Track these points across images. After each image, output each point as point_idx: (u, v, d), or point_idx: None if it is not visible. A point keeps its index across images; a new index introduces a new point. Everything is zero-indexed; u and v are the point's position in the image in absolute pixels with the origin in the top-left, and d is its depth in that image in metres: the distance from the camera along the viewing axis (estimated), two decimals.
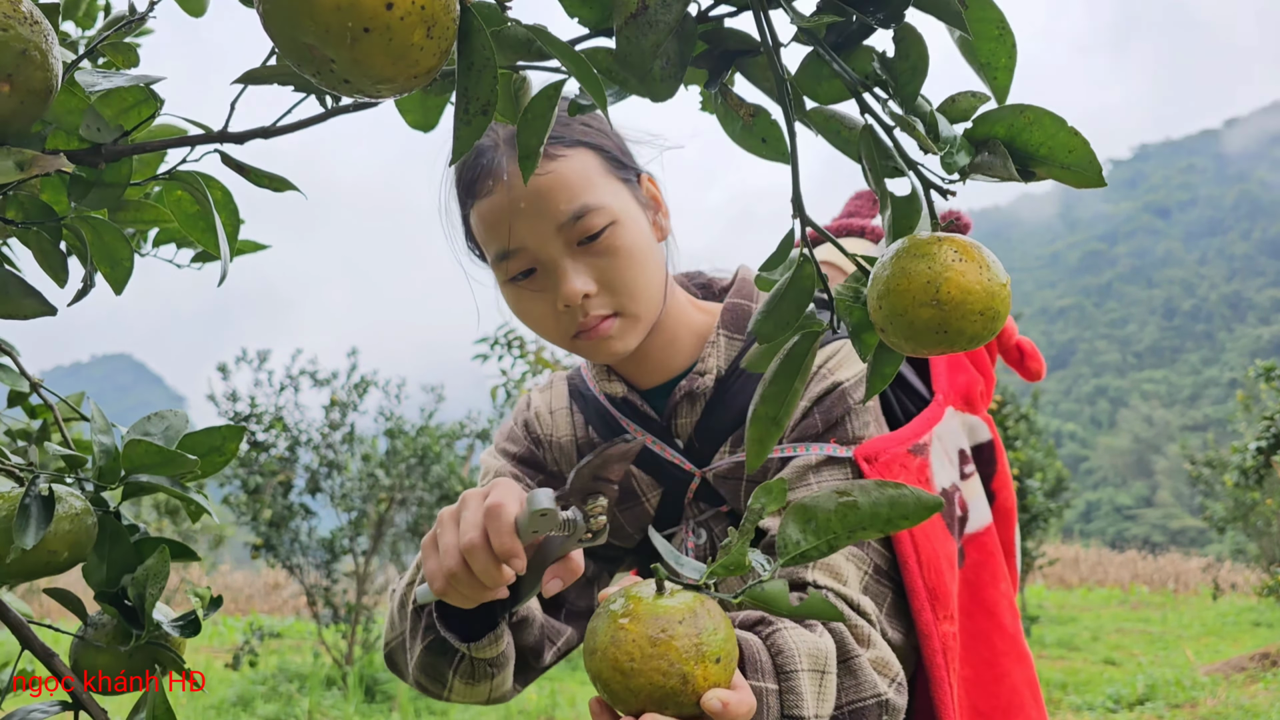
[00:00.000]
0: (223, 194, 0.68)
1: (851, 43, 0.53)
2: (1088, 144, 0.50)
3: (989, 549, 1.05)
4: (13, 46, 0.52)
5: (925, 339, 0.51)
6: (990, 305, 0.51)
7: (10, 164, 0.52)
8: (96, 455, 0.67)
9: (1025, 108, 0.51)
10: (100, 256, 0.68)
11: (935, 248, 0.51)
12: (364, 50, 0.40)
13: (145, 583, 0.66)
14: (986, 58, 0.53)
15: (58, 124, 0.62)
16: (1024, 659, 1.05)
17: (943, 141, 0.51)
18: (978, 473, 1.08)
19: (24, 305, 0.62)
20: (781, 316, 0.58)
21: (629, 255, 0.98)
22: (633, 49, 0.51)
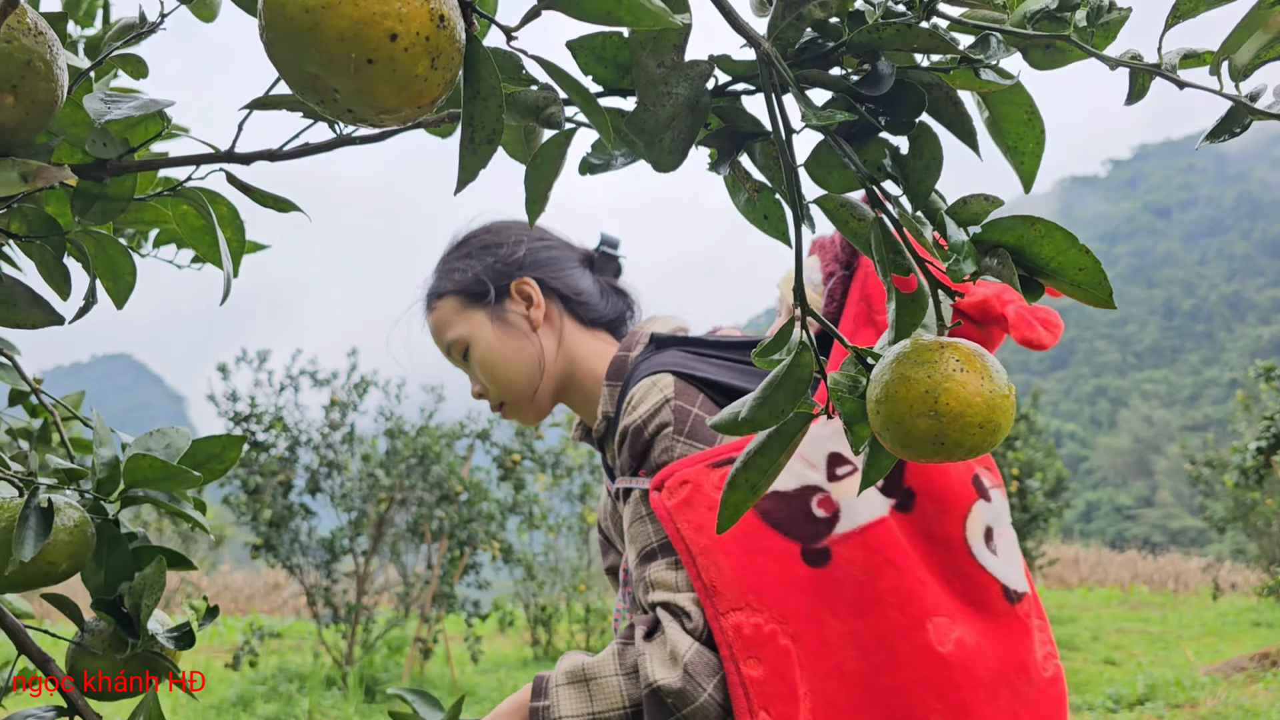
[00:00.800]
0: (228, 210, 0.68)
1: (866, 135, 0.52)
2: (1098, 263, 0.50)
3: (880, 545, 1.04)
4: (17, 58, 0.52)
5: (921, 449, 0.51)
6: (991, 418, 0.50)
7: (14, 175, 0.52)
8: (97, 466, 0.67)
9: (1036, 220, 0.50)
10: (103, 270, 0.68)
11: (937, 355, 0.51)
12: (367, 81, 0.40)
13: (141, 592, 0.66)
14: (1014, 141, 0.53)
15: (63, 135, 0.62)
16: (926, 657, 1.00)
17: (951, 248, 0.50)
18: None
19: (32, 315, 0.63)
20: (776, 404, 0.58)
21: (490, 364, 1.30)
22: (648, 117, 0.51)
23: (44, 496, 0.63)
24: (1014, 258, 0.51)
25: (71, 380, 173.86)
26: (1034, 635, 1.07)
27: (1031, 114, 0.53)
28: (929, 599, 1.02)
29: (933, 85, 0.51)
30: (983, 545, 1.07)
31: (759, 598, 1.02)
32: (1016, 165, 0.54)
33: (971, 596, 1.05)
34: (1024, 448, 9.80)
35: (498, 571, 8.42)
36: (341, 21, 0.38)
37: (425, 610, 7.07)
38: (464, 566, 7.50)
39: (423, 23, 0.40)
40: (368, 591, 7.17)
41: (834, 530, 1.05)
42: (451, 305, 1.32)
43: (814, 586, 1.03)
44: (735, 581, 1.02)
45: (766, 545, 1.04)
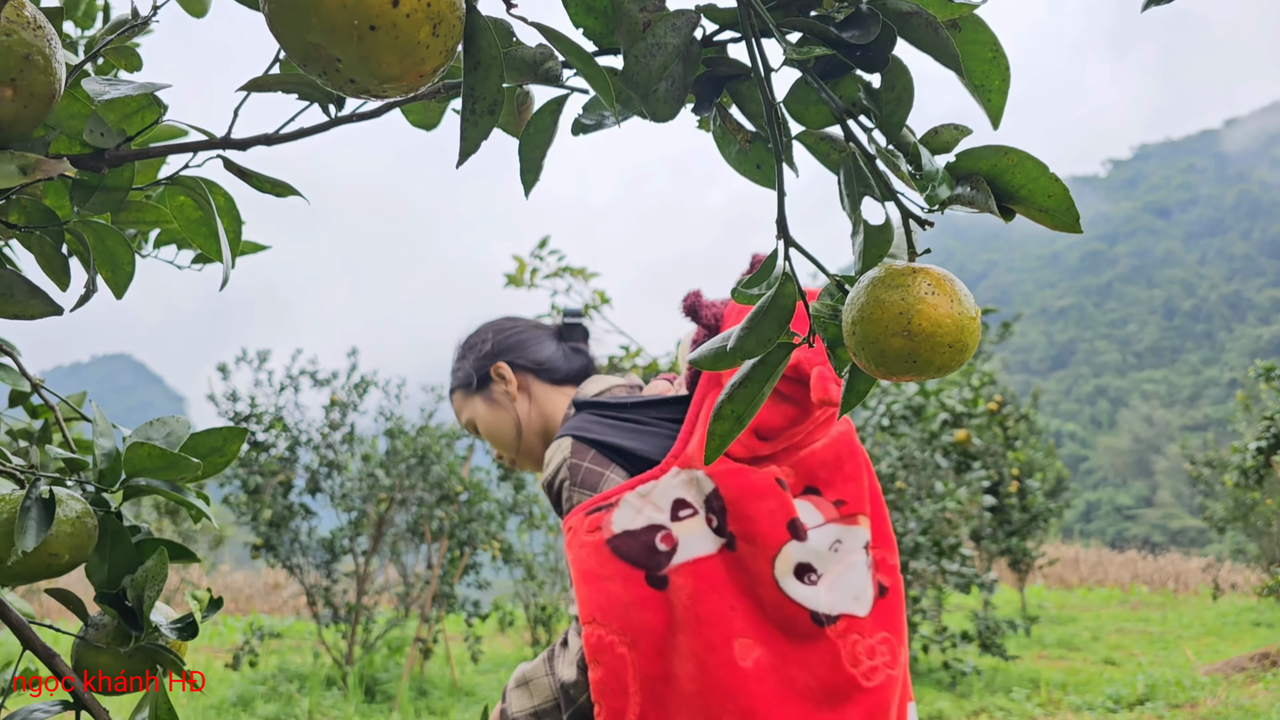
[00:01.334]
0: (225, 200, 0.68)
1: (840, 71, 0.54)
2: (1067, 191, 0.52)
3: (705, 575, 1.28)
4: (16, 51, 0.52)
5: (895, 367, 0.53)
6: (959, 338, 0.53)
7: (13, 168, 0.52)
8: (98, 458, 0.67)
9: (1009, 149, 0.52)
10: (102, 260, 0.68)
11: (909, 278, 0.53)
12: (370, 48, 0.40)
13: (144, 585, 0.66)
14: (980, 80, 0.54)
15: (61, 129, 0.62)
16: (728, 669, 1.24)
17: (925, 175, 0.52)
18: (706, 515, 1.32)
19: (30, 306, 0.62)
20: (762, 333, 0.60)
21: (489, 434, 1.69)
22: (640, 69, 0.52)
23: (45, 488, 0.63)
24: (988, 184, 0.53)
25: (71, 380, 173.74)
26: (844, 652, 1.28)
27: (996, 51, 0.54)
28: (738, 623, 1.26)
29: (911, 13, 0.52)
30: (792, 579, 1.29)
31: (604, 615, 1.29)
32: (984, 103, 0.55)
33: (779, 622, 1.28)
34: (1024, 448, 9.79)
35: (498, 571, 8.42)
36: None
37: (425, 610, 7.07)
38: (464, 566, 7.50)
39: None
40: (368, 591, 7.16)
41: (672, 561, 1.29)
42: (458, 397, 1.72)
43: (653, 606, 1.28)
44: (588, 602, 1.30)
45: (615, 573, 1.30)
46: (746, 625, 1.27)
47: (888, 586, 1.37)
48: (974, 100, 0.55)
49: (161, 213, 0.76)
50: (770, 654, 1.26)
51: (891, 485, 6.45)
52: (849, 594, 1.31)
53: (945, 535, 6.82)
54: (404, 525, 7.37)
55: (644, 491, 1.34)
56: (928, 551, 6.37)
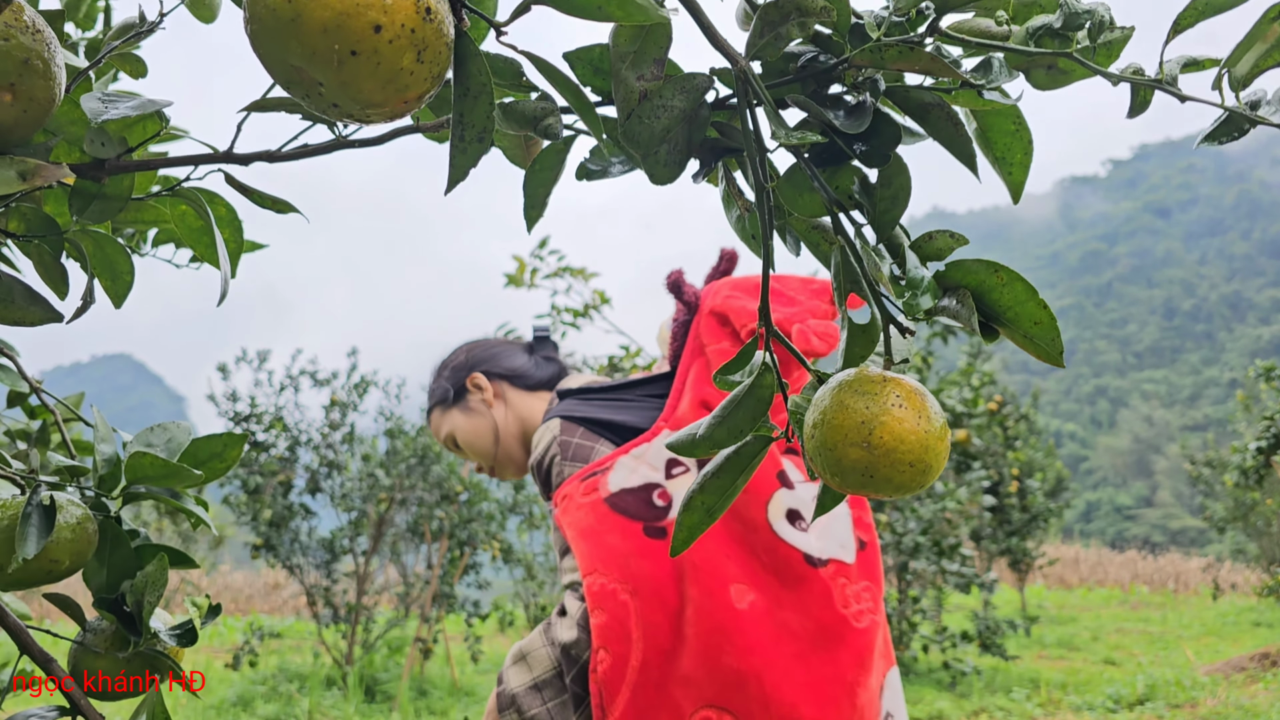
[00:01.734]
0: (227, 210, 0.68)
1: (838, 159, 0.52)
2: (1054, 320, 0.50)
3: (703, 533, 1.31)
4: (14, 55, 0.52)
5: (850, 479, 0.51)
6: (922, 458, 0.50)
7: (12, 174, 0.52)
8: (98, 463, 0.67)
9: (999, 267, 0.50)
10: (101, 269, 0.68)
11: (879, 387, 0.50)
12: (351, 73, 0.39)
13: (144, 590, 0.66)
14: (1002, 152, 0.53)
15: (62, 134, 0.62)
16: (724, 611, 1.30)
17: (910, 282, 0.50)
18: (698, 468, 1.37)
19: (30, 313, 0.62)
20: (735, 424, 0.58)
21: (468, 442, 1.76)
22: (642, 130, 0.50)
23: (46, 494, 0.63)
24: (975, 299, 0.51)
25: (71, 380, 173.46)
26: (835, 593, 1.34)
27: (1019, 124, 0.52)
28: (733, 568, 1.33)
29: (933, 105, 0.51)
30: (785, 523, 1.36)
31: (605, 565, 1.34)
32: (1005, 176, 0.54)
33: (773, 567, 1.35)
34: (1024, 448, 9.79)
35: (498, 571, 8.42)
36: (324, 12, 0.38)
37: (425, 610, 7.07)
38: (464, 566, 7.50)
39: (408, 15, 0.39)
40: (368, 591, 7.16)
41: (669, 515, 1.37)
42: (436, 415, 1.81)
43: (652, 555, 1.34)
44: (589, 555, 1.36)
45: (614, 526, 1.36)
46: (741, 571, 1.33)
47: (866, 541, 1.45)
48: (994, 171, 0.53)
49: (160, 212, 0.76)
50: (765, 599, 1.32)
51: None
52: (836, 541, 1.39)
53: (945, 535, 6.82)
54: (404, 525, 7.37)
55: (638, 454, 1.42)
56: (928, 551, 6.37)
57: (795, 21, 0.48)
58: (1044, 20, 0.50)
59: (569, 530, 1.40)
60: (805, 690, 1.29)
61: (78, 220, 0.64)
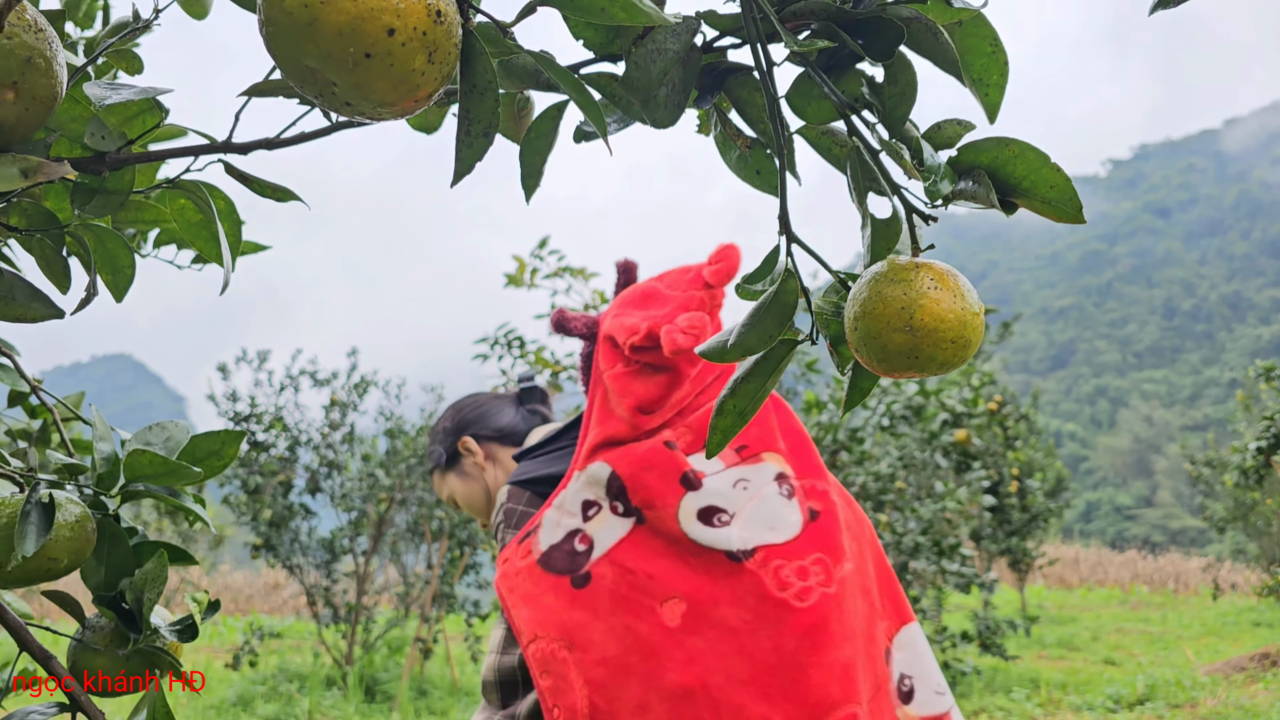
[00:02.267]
0: (226, 203, 0.68)
1: (843, 65, 0.54)
2: (1069, 181, 0.51)
3: (621, 559, 1.38)
4: (17, 54, 0.52)
5: (896, 362, 0.53)
6: (962, 334, 0.52)
7: (14, 170, 0.52)
8: (97, 462, 0.67)
9: (1010, 141, 0.52)
10: (102, 263, 0.68)
11: (912, 273, 0.52)
12: (365, 75, 0.40)
13: (143, 587, 0.66)
14: (979, 74, 0.54)
15: (62, 131, 0.62)
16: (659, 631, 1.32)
17: (927, 169, 0.52)
18: (610, 504, 1.42)
19: (31, 309, 0.62)
20: (764, 329, 0.59)
21: (465, 505, 1.83)
22: (640, 74, 0.51)
23: (45, 492, 0.63)
24: (990, 178, 0.52)
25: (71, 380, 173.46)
26: (767, 579, 1.34)
27: (995, 46, 0.53)
28: (659, 588, 1.35)
29: (912, 19, 0.52)
30: (699, 526, 1.37)
31: (543, 628, 1.37)
32: (981, 97, 0.55)
33: (704, 567, 1.36)
34: (1024, 448, 9.79)
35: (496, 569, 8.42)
36: (340, 16, 0.39)
37: (425, 610, 7.07)
38: (464, 566, 7.50)
39: (420, 18, 0.40)
40: (368, 591, 7.16)
41: (591, 558, 1.39)
42: (435, 478, 1.88)
43: (580, 603, 1.37)
44: (530, 621, 1.39)
45: (547, 587, 1.40)
46: (669, 587, 1.36)
47: (819, 511, 1.43)
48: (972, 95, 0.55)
49: (161, 212, 0.76)
50: (696, 605, 1.34)
51: (891, 485, 6.45)
52: (764, 525, 1.39)
53: (945, 535, 6.82)
54: (404, 525, 7.37)
55: (558, 503, 1.46)
56: (928, 551, 6.37)
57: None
58: None
59: (509, 596, 1.43)
60: (750, 685, 1.29)
61: (79, 215, 0.64)
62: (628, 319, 1.47)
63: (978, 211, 0.55)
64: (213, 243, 0.70)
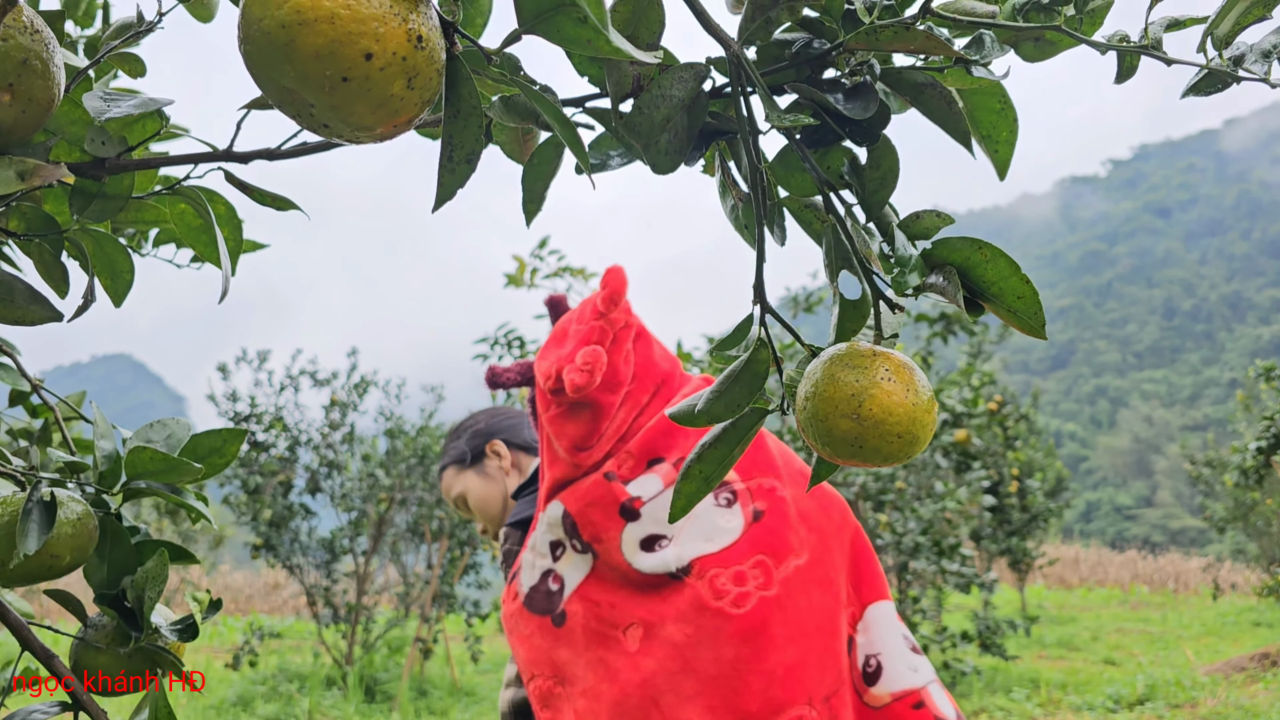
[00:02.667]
0: (226, 209, 0.68)
1: (828, 140, 0.53)
2: (1036, 295, 0.51)
3: (587, 594, 1.44)
4: (13, 56, 0.52)
5: (840, 449, 0.52)
6: (909, 429, 0.51)
7: (11, 173, 0.52)
8: (98, 460, 0.68)
9: (983, 244, 0.51)
10: (101, 268, 0.68)
11: (869, 361, 0.52)
12: (342, 98, 0.40)
13: (144, 586, 0.66)
14: (988, 130, 0.54)
15: (62, 134, 0.62)
16: (624, 657, 1.38)
17: (898, 259, 0.51)
18: (570, 542, 1.48)
19: (30, 312, 0.62)
20: (733, 398, 0.58)
21: (479, 504, 1.85)
22: (643, 120, 0.51)
23: (46, 490, 0.63)
24: (960, 277, 0.52)
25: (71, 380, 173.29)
26: (703, 590, 1.37)
27: (1004, 103, 0.53)
28: (621, 617, 1.41)
29: (926, 85, 0.52)
30: (641, 555, 1.42)
31: (538, 666, 1.45)
32: (991, 154, 0.55)
33: (655, 589, 1.41)
34: (1024, 448, 9.79)
35: (498, 572, 8.40)
36: (317, 39, 0.39)
37: (425, 610, 7.07)
38: (464, 566, 7.50)
39: (399, 43, 0.40)
40: (368, 591, 7.16)
41: (564, 596, 1.46)
42: (450, 474, 1.89)
43: (563, 641, 1.44)
44: (526, 660, 1.47)
45: (534, 627, 1.47)
46: (629, 612, 1.41)
47: (763, 510, 1.43)
48: (981, 149, 0.54)
49: (161, 213, 0.76)
50: (649, 625, 1.39)
51: (891, 485, 6.45)
52: (700, 538, 1.41)
53: (945, 535, 6.82)
54: (404, 525, 7.37)
55: (531, 545, 1.53)
56: (928, 551, 6.37)
57: (785, 6, 0.49)
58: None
59: (509, 638, 1.52)
60: (696, 699, 1.33)
61: (78, 219, 0.64)
62: (543, 362, 1.51)
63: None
64: (212, 247, 0.70)
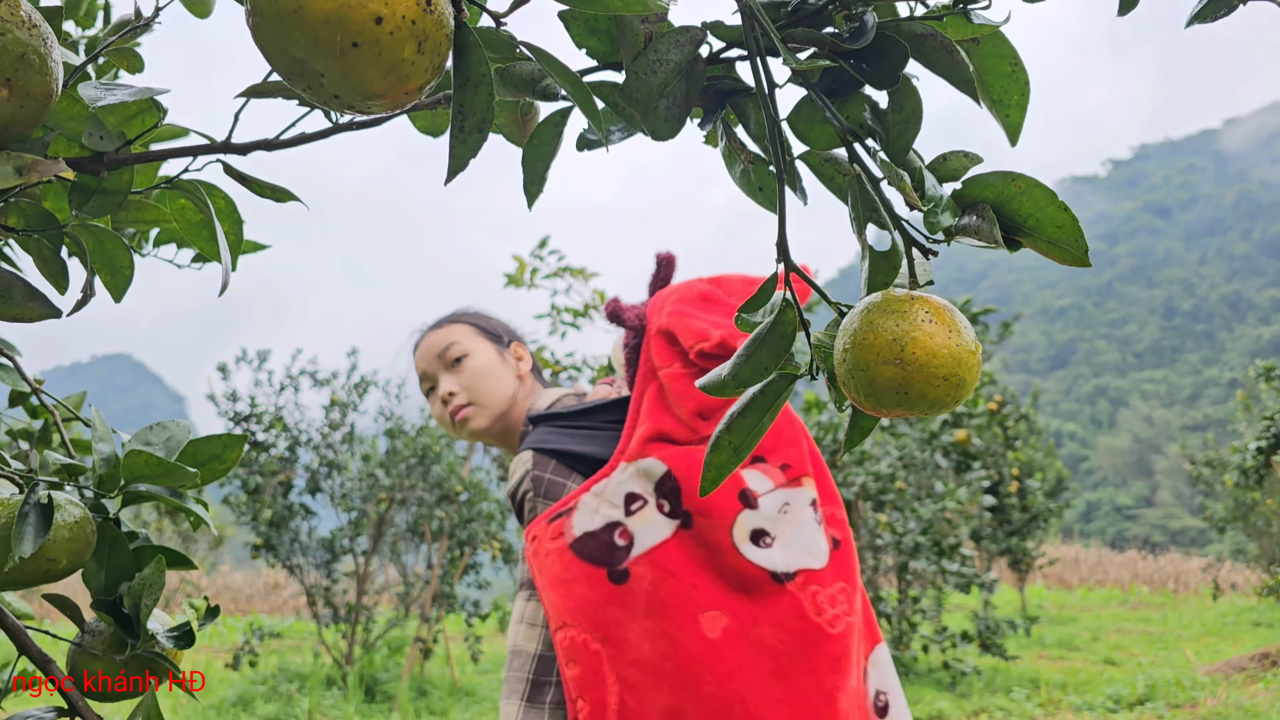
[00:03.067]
0: (225, 203, 0.67)
1: (847, 89, 0.52)
2: (1076, 221, 0.49)
3: (663, 561, 1.35)
4: (10, 50, 0.51)
5: (885, 398, 0.50)
6: (955, 371, 0.49)
7: (9, 169, 0.51)
8: (97, 463, 0.67)
9: (1016, 176, 0.49)
10: (101, 264, 0.67)
11: (907, 305, 0.50)
12: (353, 64, 0.40)
13: (141, 592, 0.65)
14: (999, 94, 0.53)
15: (60, 130, 0.61)
16: (699, 642, 1.30)
17: (928, 199, 0.50)
18: (657, 501, 1.40)
19: (29, 309, 0.62)
20: (760, 362, 0.57)
21: (474, 372, 1.66)
22: (640, 85, 0.50)
23: (44, 493, 0.63)
24: (994, 213, 0.50)
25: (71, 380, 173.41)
26: (806, 603, 1.35)
27: (1015, 65, 0.52)
28: (701, 598, 1.33)
29: (926, 36, 0.51)
30: (750, 545, 1.37)
31: (574, 617, 1.35)
32: (1001, 118, 0.53)
33: (743, 585, 1.36)
34: (1024, 448, 9.79)
35: (498, 571, 8.42)
36: (326, 4, 0.39)
37: (425, 610, 7.07)
38: (464, 566, 7.49)
39: (409, 6, 0.40)
40: (368, 591, 7.16)
41: (630, 555, 1.36)
42: (468, 330, 1.72)
43: (617, 600, 1.34)
44: (559, 607, 1.36)
45: (579, 575, 1.36)
46: (710, 598, 1.34)
47: (840, 540, 1.44)
48: (991, 115, 0.53)
49: (161, 212, 0.76)
50: (737, 620, 1.33)
51: (891, 485, 6.45)
52: (803, 550, 1.39)
53: (945, 535, 6.82)
54: (404, 525, 7.37)
55: (598, 490, 1.42)
56: (928, 551, 6.37)
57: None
58: None
59: (538, 577, 1.42)
60: (785, 706, 1.30)
61: (77, 215, 0.64)
62: (693, 321, 1.44)
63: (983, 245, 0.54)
64: (212, 242, 0.70)
